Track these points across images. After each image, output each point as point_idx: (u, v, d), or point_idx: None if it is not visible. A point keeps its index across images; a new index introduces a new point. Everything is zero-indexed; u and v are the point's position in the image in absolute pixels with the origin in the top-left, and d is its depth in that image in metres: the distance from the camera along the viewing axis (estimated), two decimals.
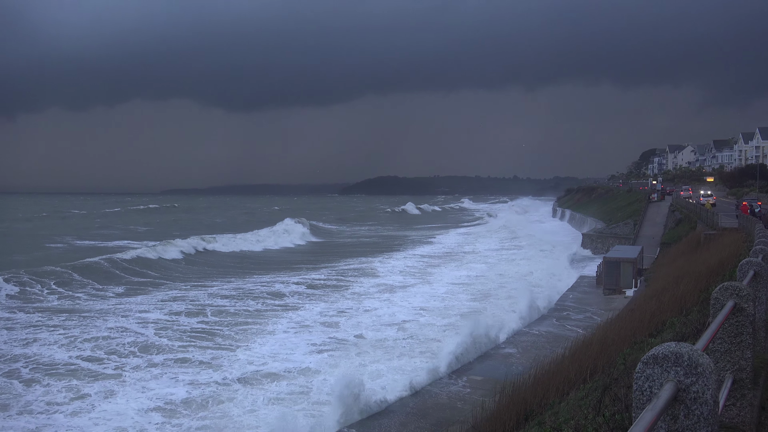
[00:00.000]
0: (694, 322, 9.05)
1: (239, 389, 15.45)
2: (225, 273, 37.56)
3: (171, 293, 29.39)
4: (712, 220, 33.43)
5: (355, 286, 31.28)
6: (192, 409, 14.25)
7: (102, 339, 20.15)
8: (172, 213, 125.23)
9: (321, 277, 34.23)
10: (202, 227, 75.16)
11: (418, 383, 15.44)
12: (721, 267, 14.81)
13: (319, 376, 16.34)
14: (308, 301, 26.89)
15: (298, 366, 17.24)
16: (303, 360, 17.85)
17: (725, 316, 4.29)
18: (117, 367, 17.33)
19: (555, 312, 24.39)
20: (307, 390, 15.34)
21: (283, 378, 16.29)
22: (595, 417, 6.22)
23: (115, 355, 18.46)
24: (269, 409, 14.03)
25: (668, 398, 2.52)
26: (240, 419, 13.64)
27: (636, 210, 58.93)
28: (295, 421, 12.74)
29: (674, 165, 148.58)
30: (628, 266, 29.19)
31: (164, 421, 13.63)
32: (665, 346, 2.73)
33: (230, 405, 14.44)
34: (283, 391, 15.32)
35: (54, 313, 24.34)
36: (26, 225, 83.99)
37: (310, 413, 13.79)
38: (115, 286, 31.84)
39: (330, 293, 29.03)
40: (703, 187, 79.95)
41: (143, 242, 52.79)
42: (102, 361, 17.95)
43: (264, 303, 26.65)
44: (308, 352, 18.72)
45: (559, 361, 11.60)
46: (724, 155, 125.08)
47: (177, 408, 14.33)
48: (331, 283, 32.09)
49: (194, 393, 15.19)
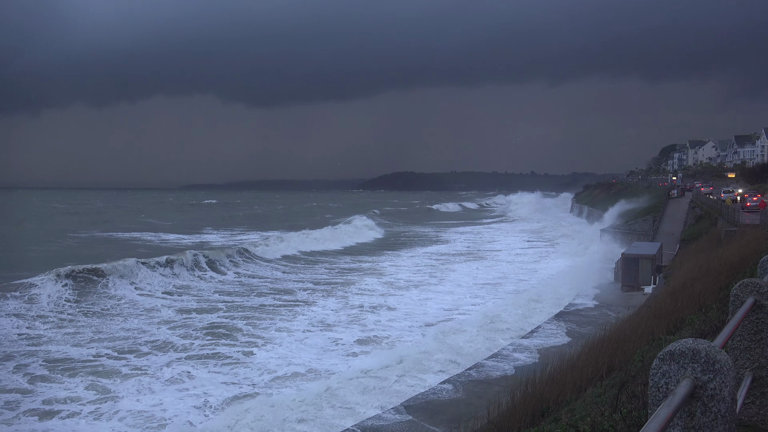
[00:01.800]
0: (713, 319, 8.93)
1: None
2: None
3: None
4: (732, 216, 32.95)
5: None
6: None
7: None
8: (221, 209, 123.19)
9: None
10: (274, 223, 79.71)
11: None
12: (741, 264, 14.59)
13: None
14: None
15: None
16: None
17: (744, 313, 4.22)
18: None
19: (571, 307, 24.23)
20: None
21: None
22: (611, 414, 6.17)
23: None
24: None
25: (685, 395, 2.49)
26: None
27: (655, 206, 58.29)
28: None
29: (695, 161, 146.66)
30: (646, 263, 28.88)
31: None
32: (682, 343, 2.70)
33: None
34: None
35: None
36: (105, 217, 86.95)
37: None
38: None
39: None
40: (725, 183, 78.79)
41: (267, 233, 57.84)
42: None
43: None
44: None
45: (575, 358, 11.53)
46: (745, 151, 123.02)
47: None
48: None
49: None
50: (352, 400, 14.11)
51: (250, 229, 69.03)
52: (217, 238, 59.29)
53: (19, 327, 22.00)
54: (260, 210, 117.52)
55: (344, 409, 13.70)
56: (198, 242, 54.27)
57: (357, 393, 14.52)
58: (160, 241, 56.27)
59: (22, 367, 17.44)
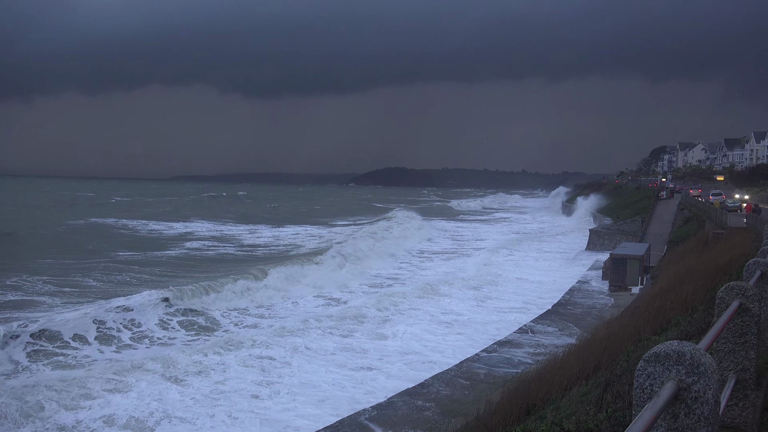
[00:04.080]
0: (699, 321, 9.01)
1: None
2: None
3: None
4: (720, 219, 33.21)
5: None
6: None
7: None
8: (254, 204, 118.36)
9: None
10: (318, 215, 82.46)
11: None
12: (728, 266, 14.71)
13: None
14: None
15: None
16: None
17: (730, 315, 4.26)
18: None
19: (559, 306, 24.36)
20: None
21: None
22: (596, 413, 6.21)
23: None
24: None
25: (669, 397, 2.51)
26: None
27: (644, 207, 58.63)
28: None
29: (684, 163, 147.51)
30: (634, 263, 29.08)
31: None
32: (667, 345, 2.72)
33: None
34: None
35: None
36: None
37: None
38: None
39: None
40: (714, 185, 79.23)
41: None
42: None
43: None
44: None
45: (563, 357, 11.59)
46: (735, 154, 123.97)
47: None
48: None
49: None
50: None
51: (332, 222, 72.01)
52: (326, 231, 60.05)
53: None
54: (282, 206, 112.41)
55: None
56: (325, 235, 54.94)
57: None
58: (309, 236, 55.63)
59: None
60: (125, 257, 37.95)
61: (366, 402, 14.27)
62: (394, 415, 13.10)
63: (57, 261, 34.95)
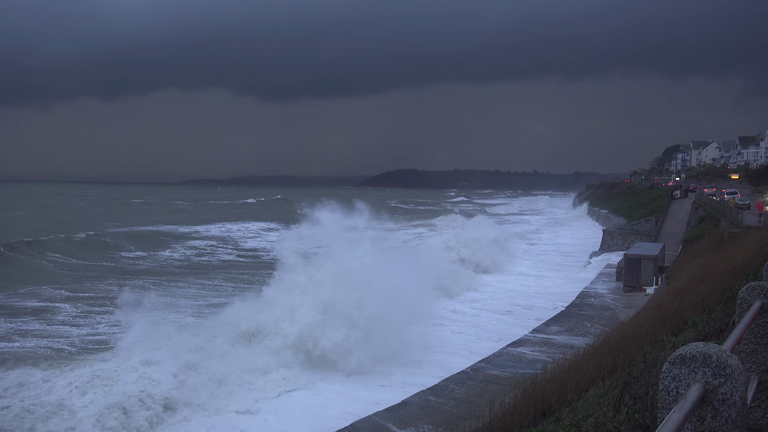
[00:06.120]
0: (716, 321, 8.90)
1: None
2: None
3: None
4: (736, 218, 32.88)
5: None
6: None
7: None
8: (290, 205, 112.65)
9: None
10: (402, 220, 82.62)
11: None
12: (745, 266, 14.53)
13: None
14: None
15: None
16: None
17: (752, 316, 4.20)
18: None
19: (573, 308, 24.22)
20: None
21: None
22: (614, 415, 6.15)
23: None
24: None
25: (696, 399, 2.47)
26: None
27: (658, 207, 58.15)
28: None
29: (698, 161, 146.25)
30: (649, 263, 28.83)
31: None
32: (693, 347, 2.68)
33: None
34: None
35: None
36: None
37: None
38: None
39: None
40: (728, 184, 78.46)
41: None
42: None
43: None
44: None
45: (578, 359, 11.50)
46: (749, 152, 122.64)
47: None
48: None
49: None
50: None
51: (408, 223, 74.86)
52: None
53: None
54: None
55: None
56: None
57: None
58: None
59: None
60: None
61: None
62: (407, 413, 13.12)
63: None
